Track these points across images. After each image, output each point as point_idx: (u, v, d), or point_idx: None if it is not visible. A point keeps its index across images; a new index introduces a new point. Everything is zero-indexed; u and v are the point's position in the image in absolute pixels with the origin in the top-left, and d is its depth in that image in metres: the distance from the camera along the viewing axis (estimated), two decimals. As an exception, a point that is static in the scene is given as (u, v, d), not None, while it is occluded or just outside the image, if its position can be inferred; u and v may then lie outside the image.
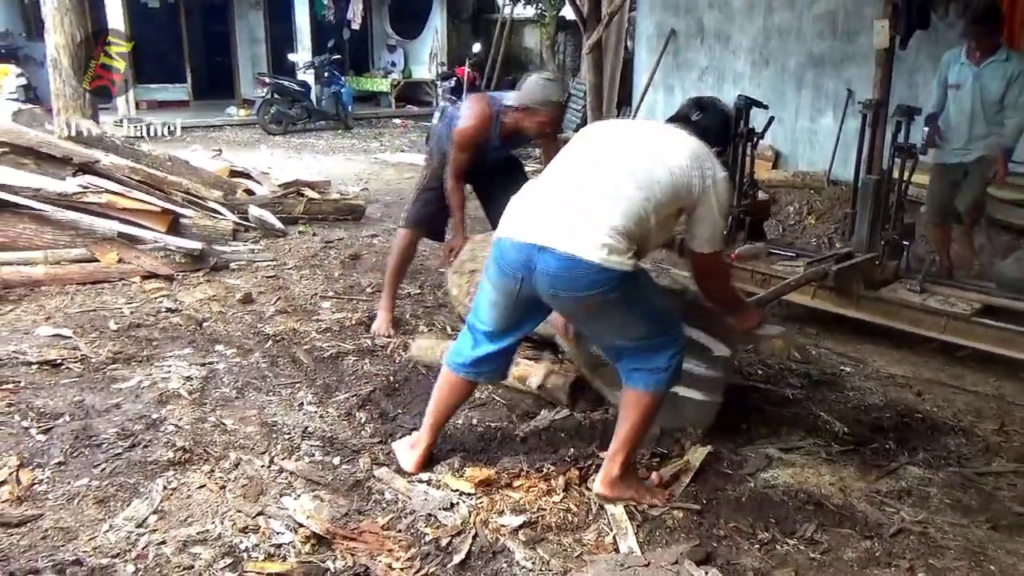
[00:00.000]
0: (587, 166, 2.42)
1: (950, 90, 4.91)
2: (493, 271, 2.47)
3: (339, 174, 8.96)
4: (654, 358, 2.43)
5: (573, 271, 2.24)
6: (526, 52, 16.21)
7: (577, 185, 2.37)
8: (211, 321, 4.00)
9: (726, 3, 8.63)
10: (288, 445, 2.79)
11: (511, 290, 2.43)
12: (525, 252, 2.32)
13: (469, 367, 2.61)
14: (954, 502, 2.67)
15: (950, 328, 4.47)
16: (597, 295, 2.27)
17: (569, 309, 2.46)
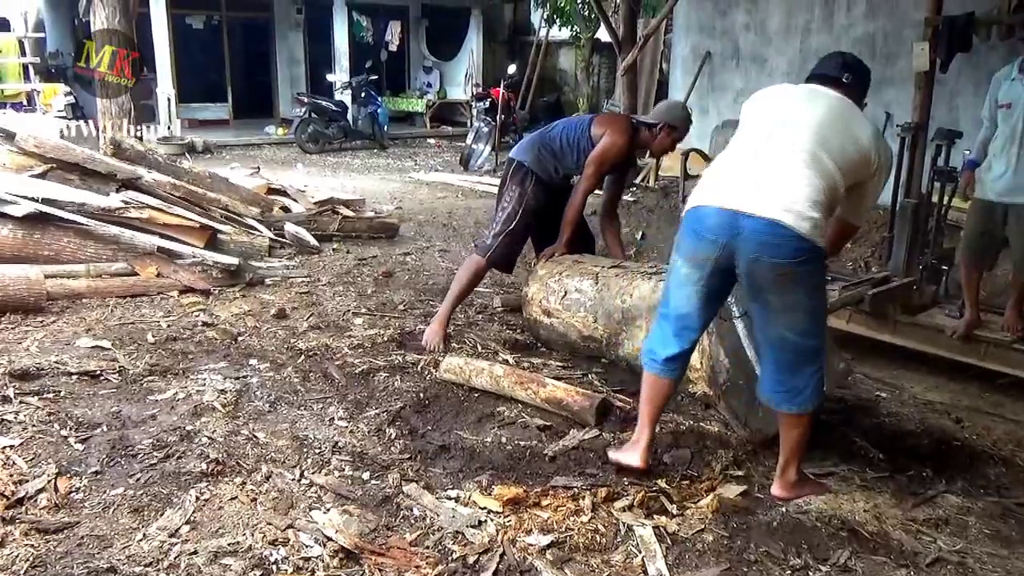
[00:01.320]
0: (781, 137, 2.50)
1: (1000, 111, 4.27)
2: (688, 242, 2.55)
3: (373, 193, 9.07)
4: (796, 375, 2.54)
5: (779, 237, 2.35)
6: (561, 74, 16.32)
7: (775, 156, 2.47)
8: (245, 335, 4.06)
9: (762, 26, 8.62)
10: (318, 459, 2.82)
11: (707, 258, 2.50)
12: (729, 217, 2.42)
13: (663, 365, 2.69)
14: (993, 532, 2.60)
15: (990, 355, 4.39)
16: (793, 265, 2.39)
17: (762, 279, 2.46)
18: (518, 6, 17.12)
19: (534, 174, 3.97)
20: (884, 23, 7.61)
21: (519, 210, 3.97)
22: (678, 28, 9.74)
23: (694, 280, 2.57)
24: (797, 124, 2.51)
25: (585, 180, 3.86)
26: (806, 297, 2.49)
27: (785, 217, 2.36)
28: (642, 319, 3.50)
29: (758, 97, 2.75)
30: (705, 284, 2.57)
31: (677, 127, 3.83)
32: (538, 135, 4.11)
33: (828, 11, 8.04)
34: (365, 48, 15.90)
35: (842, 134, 2.50)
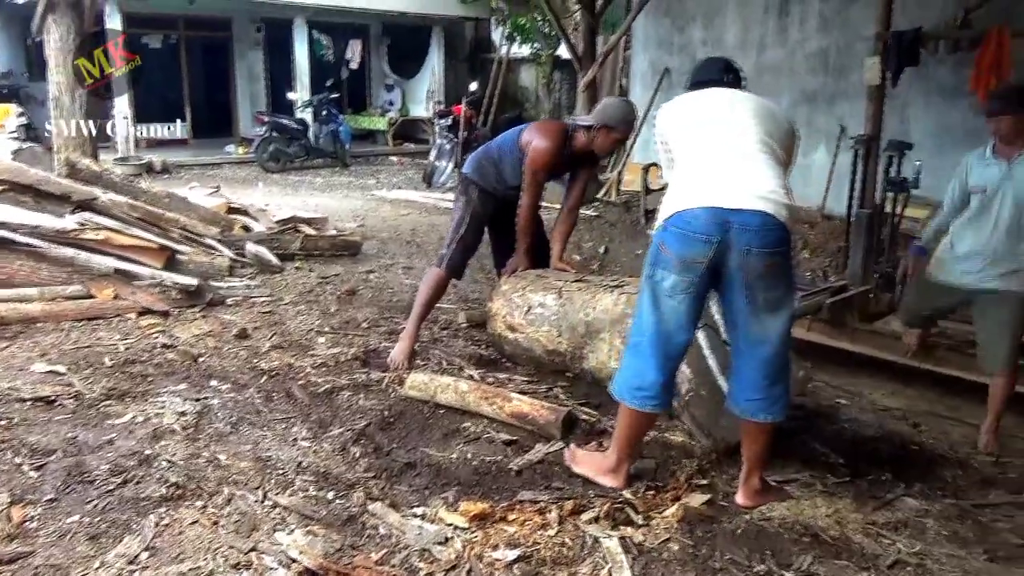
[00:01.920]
0: (732, 136, 2.63)
1: (973, 197, 3.73)
2: (677, 248, 2.54)
3: (336, 211, 9.02)
4: (776, 384, 2.61)
5: (766, 227, 2.47)
6: (522, 91, 16.43)
7: (738, 153, 2.59)
8: (206, 357, 4.00)
9: (719, 41, 8.79)
10: (282, 480, 2.79)
11: (700, 260, 2.51)
12: (719, 215, 2.48)
13: (653, 397, 2.66)
14: (951, 534, 2.66)
15: (945, 360, 4.49)
16: (779, 253, 2.52)
17: (753, 271, 2.51)
18: (479, 24, 17.23)
19: (478, 185, 4.03)
20: (836, 38, 7.81)
21: (466, 217, 4.03)
22: (637, 44, 9.89)
23: (683, 288, 2.54)
24: (738, 122, 2.65)
25: (525, 192, 3.85)
26: (787, 293, 2.58)
27: (768, 207, 2.48)
28: (605, 332, 3.53)
29: (674, 110, 2.82)
30: (695, 290, 2.55)
31: (614, 127, 3.71)
32: (483, 148, 4.18)
33: (782, 26, 8.23)
34: (326, 66, 15.86)
35: (772, 119, 2.69)
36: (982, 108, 3.78)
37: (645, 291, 2.65)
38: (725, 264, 2.52)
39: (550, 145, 3.77)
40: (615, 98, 3.79)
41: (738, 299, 2.57)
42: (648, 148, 9.63)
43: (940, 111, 7.10)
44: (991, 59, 5.63)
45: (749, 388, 2.64)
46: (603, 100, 3.86)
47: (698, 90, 2.84)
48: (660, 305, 2.59)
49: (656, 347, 2.62)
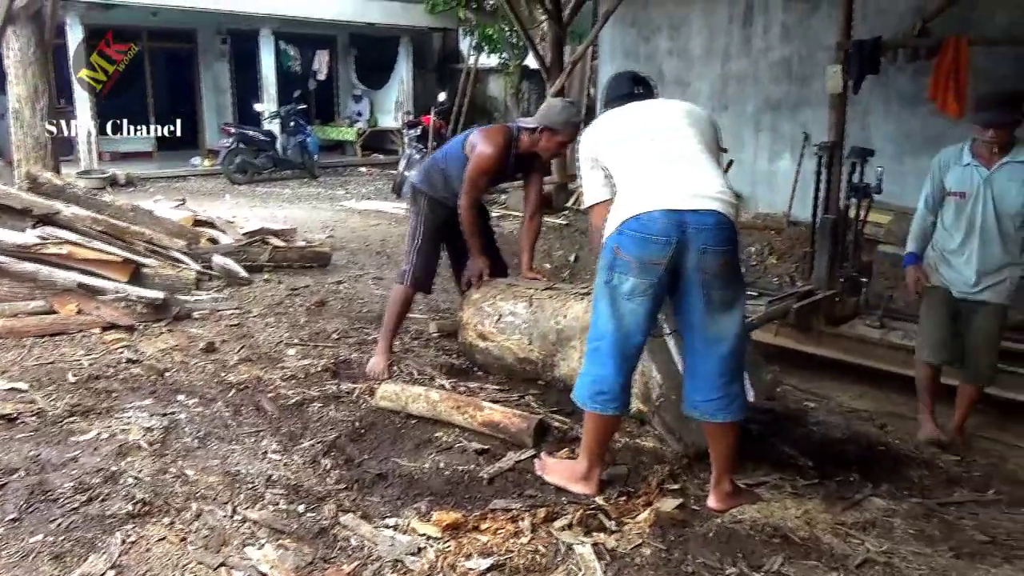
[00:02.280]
0: (673, 142, 2.71)
1: (949, 200, 3.66)
2: (635, 251, 2.56)
3: (305, 222, 8.97)
4: (734, 382, 2.66)
5: (719, 225, 2.55)
6: (491, 100, 16.48)
7: (683, 157, 2.67)
8: (173, 371, 3.95)
9: (685, 51, 8.89)
10: (251, 494, 2.76)
11: (659, 261, 2.54)
12: (675, 217, 2.53)
13: (616, 401, 2.70)
14: (918, 532, 2.71)
15: (909, 363, 4.56)
16: (732, 251, 2.60)
17: (709, 269, 2.56)
18: (447, 34, 17.26)
19: (426, 194, 4.02)
20: (799, 47, 7.94)
21: (419, 228, 4.04)
22: (604, 54, 9.96)
23: (642, 290, 2.57)
24: (670, 128, 2.75)
25: (463, 195, 3.81)
26: (739, 291, 2.66)
27: (720, 207, 2.57)
28: (576, 340, 3.55)
29: (600, 129, 2.86)
30: (654, 291, 2.58)
31: (557, 129, 3.68)
32: (431, 158, 4.18)
33: (746, 36, 8.35)
34: (293, 77, 15.77)
35: (697, 119, 2.80)
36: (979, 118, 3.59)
37: (602, 297, 2.66)
38: (682, 265, 2.56)
39: (492, 151, 3.74)
40: (559, 99, 3.74)
41: (695, 299, 2.60)
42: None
43: (900, 118, 7.24)
44: (949, 67, 5.76)
45: (707, 388, 2.66)
46: (547, 101, 3.81)
47: (615, 107, 2.91)
48: (618, 308, 2.62)
49: (615, 350, 2.65)
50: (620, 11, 8.32)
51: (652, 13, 9.09)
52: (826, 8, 7.47)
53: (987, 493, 3.13)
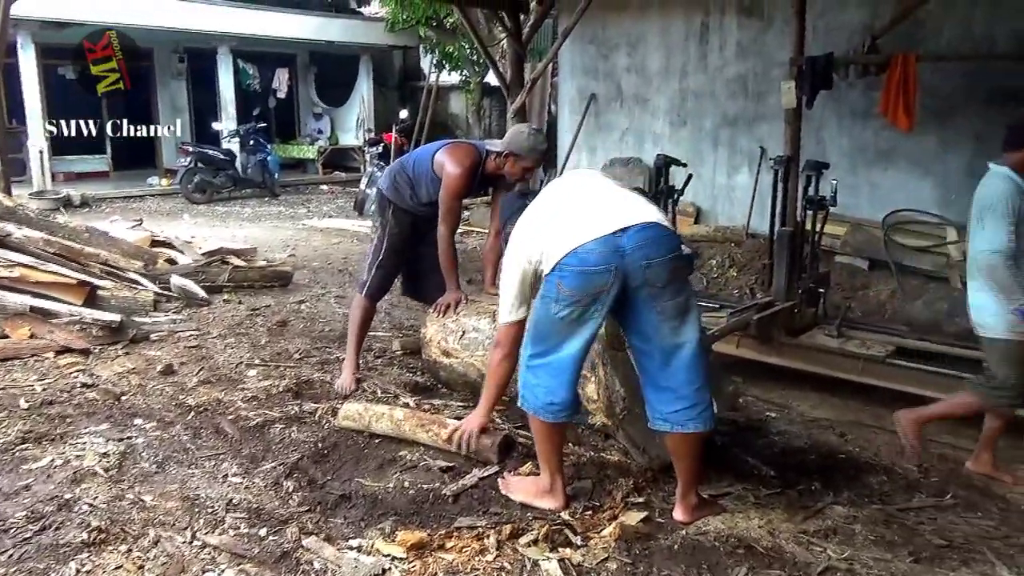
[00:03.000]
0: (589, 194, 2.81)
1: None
2: (576, 285, 2.57)
3: (266, 241, 8.89)
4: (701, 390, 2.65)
5: (659, 236, 2.59)
6: (453, 117, 16.53)
7: (610, 193, 2.79)
8: (130, 395, 3.87)
9: (643, 68, 9.01)
10: (211, 519, 2.70)
11: (603, 289, 2.56)
12: (612, 242, 2.55)
13: (566, 410, 2.72)
14: (878, 538, 2.75)
15: (867, 371, 4.67)
16: (679, 258, 2.64)
17: (658, 280, 2.58)
18: (408, 52, 17.30)
19: (392, 203, 4.02)
20: (754, 64, 8.09)
21: (384, 239, 4.06)
22: (564, 71, 10.05)
23: (589, 315, 2.59)
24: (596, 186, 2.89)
25: (441, 222, 3.83)
26: (690, 296, 2.68)
27: (656, 217, 2.65)
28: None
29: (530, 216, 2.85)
30: (600, 315, 2.61)
31: (520, 155, 3.68)
32: (398, 163, 4.16)
33: (702, 53, 8.49)
34: (252, 95, 15.67)
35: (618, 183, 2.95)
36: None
37: (547, 321, 2.66)
38: (628, 284, 2.58)
39: (462, 172, 3.76)
40: (525, 126, 3.78)
41: (648, 313, 2.61)
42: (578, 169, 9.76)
43: (853, 132, 7.41)
44: (898, 83, 5.92)
45: (676, 398, 2.65)
46: (513, 127, 3.86)
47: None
48: (567, 332, 2.64)
49: (565, 366, 2.68)
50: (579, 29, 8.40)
51: (610, 31, 9.21)
52: (779, 26, 7.64)
53: (945, 498, 3.18)
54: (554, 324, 2.65)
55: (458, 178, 3.75)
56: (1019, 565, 2.64)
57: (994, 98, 6.63)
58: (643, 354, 2.72)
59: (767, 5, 7.92)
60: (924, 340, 5.02)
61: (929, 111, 6.64)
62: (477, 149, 3.87)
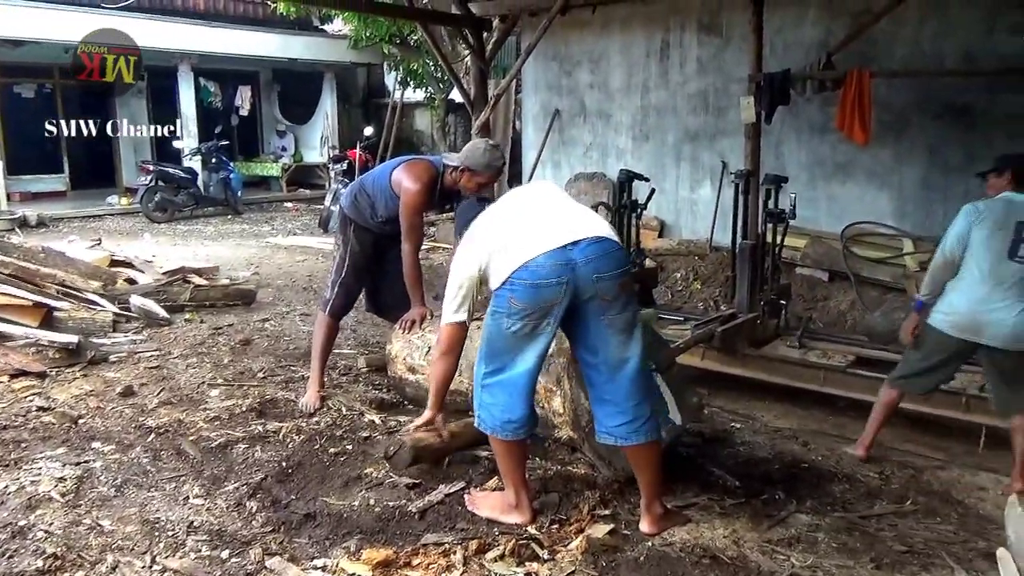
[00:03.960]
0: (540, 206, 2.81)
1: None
2: (528, 298, 2.58)
3: (229, 260, 8.79)
4: (643, 403, 2.70)
5: (609, 250, 2.62)
6: (418, 134, 16.53)
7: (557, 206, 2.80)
8: (87, 418, 3.79)
9: (605, 84, 9.12)
10: (172, 542, 2.65)
11: (555, 302, 2.58)
12: (562, 255, 2.58)
13: (525, 427, 2.73)
14: (840, 545, 2.78)
15: (828, 380, 4.74)
16: (625, 272, 2.66)
17: (607, 294, 2.61)
18: (371, 69, 17.29)
19: (353, 220, 4.03)
20: (714, 79, 8.23)
21: (346, 257, 4.08)
22: (527, 87, 10.13)
23: (540, 328, 2.61)
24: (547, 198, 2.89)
25: (405, 239, 3.83)
26: (636, 313, 2.71)
27: (605, 231, 2.67)
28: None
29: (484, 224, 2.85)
30: (551, 328, 2.63)
31: (477, 171, 3.68)
32: (358, 181, 4.17)
33: (663, 69, 8.61)
34: (214, 113, 15.52)
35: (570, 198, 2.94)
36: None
37: (499, 338, 2.67)
38: (578, 296, 2.60)
39: (419, 187, 3.77)
40: (483, 141, 3.79)
41: (596, 326, 2.65)
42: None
43: (811, 146, 7.57)
44: (853, 98, 6.07)
45: (617, 413, 2.70)
46: (471, 142, 3.86)
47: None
48: (519, 347, 2.66)
49: (520, 383, 2.69)
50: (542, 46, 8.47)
51: (573, 48, 9.31)
52: (737, 43, 7.78)
53: (905, 504, 3.24)
54: (507, 340, 2.65)
55: (416, 194, 3.76)
56: (977, 569, 2.69)
57: (945, 113, 6.83)
58: (591, 368, 2.74)
59: (726, 23, 8.07)
60: (883, 350, 5.11)
61: (884, 125, 6.82)
62: (434, 165, 3.87)
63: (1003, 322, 3.42)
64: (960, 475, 3.68)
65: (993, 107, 6.58)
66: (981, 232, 3.47)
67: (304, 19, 15.09)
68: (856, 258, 6.87)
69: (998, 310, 3.42)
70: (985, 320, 3.46)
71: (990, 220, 3.47)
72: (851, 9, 7.07)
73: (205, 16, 14.21)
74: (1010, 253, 3.42)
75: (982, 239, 3.47)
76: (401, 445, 3.14)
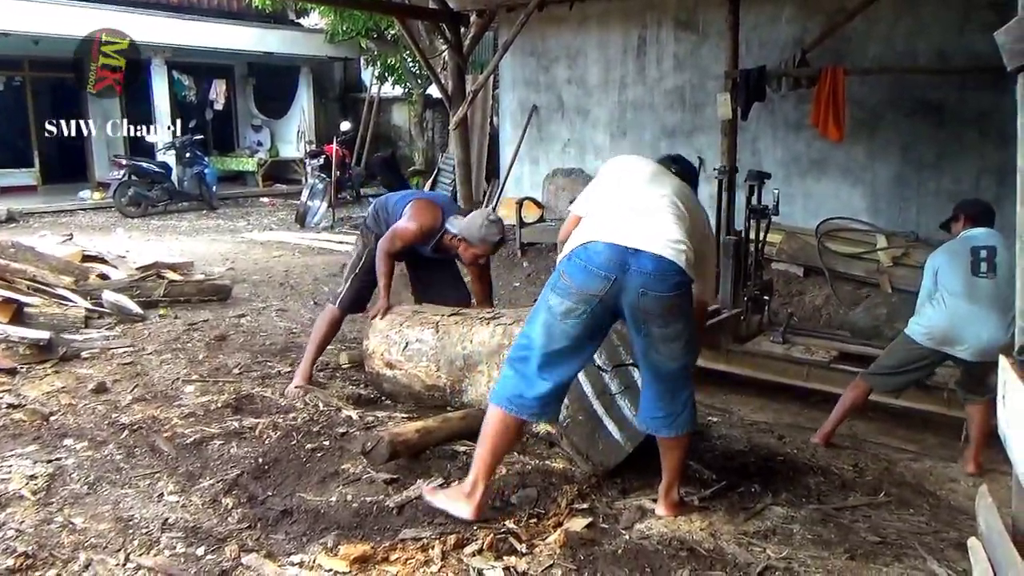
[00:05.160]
0: (650, 194, 2.77)
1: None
2: (577, 278, 2.60)
3: (204, 255, 8.72)
4: (674, 401, 2.78)
5: (665, 271, 2.58)
6: (395, 129, 16.46)
7: (650, 207, 2.73)
8: (59, 414, 3.74)
9: (583, 80, 9.13)
10: (146, 540, 2.62)
11: (596, 292, 2.59)
12: (619, 253, 2.58)
13: (533, 405, 2.68)
14: (815, 537, 2.81)
15: (812, 376, 4.78)
16: (676, 296, 2.62)
17: (648, 311, 2.61)
18: (348, 64, 17.18)
19: (375, 232, 4.17)
20: (690, 76, 8.28)
21: (363, 257, 4.19)
22: (505, 83, 10.13)
23: (576, 315, 2.62)
24: (660, 187, 2.82)
25: (382, 240, 3.97)
26: (684, 327, 2.70)
27: (667, 252, 2.60)
28: (483, 364, 3.55)
29: (618, 162, 3.03)
30: (587, 318, 2.63)
31: (472, 243, 3.84)
32: (384, 198, 4.37)
33: (640, 66, 8.65)
34: (189, 107, 15.35)
35: (689, 204, 2.83)
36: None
37: (541, 311, 2.71)
38: (622, 300, 2.62)
39: (414, 229, 3.93)
40: (483, 215, 3.88)
41: (635, 332, 2.71)
42: (520, 183, 9.83)
43: (787, 143, 7.64)
44: (827, 95, 6.13)
45: (652, 406, 2.81)
46: (473, 213, 3.96)
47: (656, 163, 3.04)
48: (552, 326, 2.66)
49: (542, 362, 2.68)
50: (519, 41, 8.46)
51: (550, 43, 9.32)
52: (714, 39, 7.83)
53: (878, 496, 3.28)
54: (544, 314, 2.68)
55: (407, 231, 3.94)
56: (949, 559, 2.73)
57: (918, 110, 6.92)
58: (638, 359, 2.86)
59: (702, 19, 8.12)
60: (866, 345, 5.15)
61: (858, 122, 6.91)
62: (441, 217, 3.97)
63: (978, 336, 3.73)
64: (932, 467, 3.74)
65: (965, 105, 6.68)
66: (944, 261, 3.91)
67: (280, 12, 14.95)
68: (831, 253, 6.94)
69: (974, 325, 3.73)
70: (961, 335, 3.77)
71: (949, 251, 3.93)
72: (826, 7, 7.14)
73: (179, 9, 14.06)
74: (973, 271, 3.79)
75: (945, 266, 3.89)
76: (379, 440, 3.12)
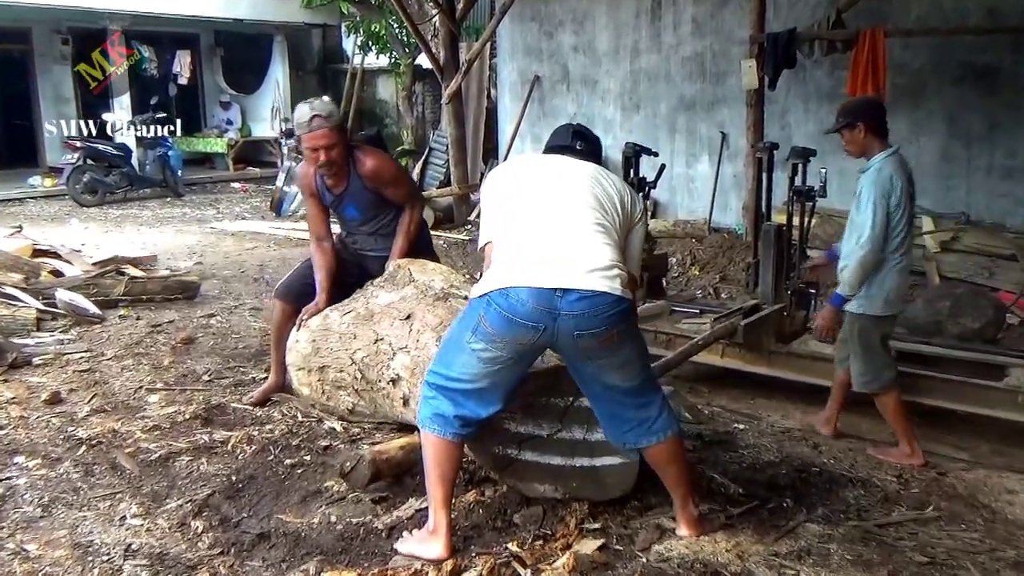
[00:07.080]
0: (555, 207, 2.71)
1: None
2: (496, 327, 2.57)
3: (168, 248, 8.74)
4: (642, 408, 2.74)
5: (598, 307, 2.53)
6: (381, 104, 16.46)
7: (565, 227, 2.66)
8: (9, 428, 3.76)
9: (590, 47, 9.12)
10: (107, 568, 2.64)
11: (525, 341, 2.58)
12: (545, 299, 2.52)
13: (459, 427, 2.69)
14: (855, 557, 2.80)
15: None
16: (616, 328, 2.58)
17: (588, 350, 2.61)
18: (328, 31, 17.16)
19: None
20: (712, 42, 8.26)
21: None
22: (503, 52, 10.11)
23: (502, 360, 2.61)
24: (568, 194, 2.74)
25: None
26: (631, 348, 2.69)
27: (599, 284, 2.55)
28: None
29: (504, 175, 2.96)
30: (514, 362, 2.65)
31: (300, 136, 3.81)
32: None
33: (655, 31, 8.63)
34: (150, 82, 15.35)
35: (605, 194, 2.77)
36: None
37: (460, 350, 2.66)
38: (555, 343, 2.62)
39: (302, 174, 4.08)
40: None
41: (580, 366, 2.72)
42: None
43: (820, 115, 7.60)
44: (867, 60, 6.10)
45: (620, 421, 2.77)
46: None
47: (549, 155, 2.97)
48: (474, 369, 2.64)
49: (465, 393, 2.68)
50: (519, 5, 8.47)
51: (554, 7, 9.30)
52: (737, 0, 7.80)
53: (926, 511, 3.27)
54: (467, 355, 2.64)
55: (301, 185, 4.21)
56: (1005, 580, 2.73)
57: (966, 76, 6.89)
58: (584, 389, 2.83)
59: (724, -23, 8.10)
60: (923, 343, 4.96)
61: (899, 91, 6.88)
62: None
63: None
64: (987, 476, 3.73)
65: (1020, 69, 6.65)
66: None
67: (250, -26, 14.95)
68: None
69: None
70: None
71: None
72: (863, -39, 7.11)
73: (137, -29, 14.04)
74: None
75: None
76: (359, 459, 3.12)
